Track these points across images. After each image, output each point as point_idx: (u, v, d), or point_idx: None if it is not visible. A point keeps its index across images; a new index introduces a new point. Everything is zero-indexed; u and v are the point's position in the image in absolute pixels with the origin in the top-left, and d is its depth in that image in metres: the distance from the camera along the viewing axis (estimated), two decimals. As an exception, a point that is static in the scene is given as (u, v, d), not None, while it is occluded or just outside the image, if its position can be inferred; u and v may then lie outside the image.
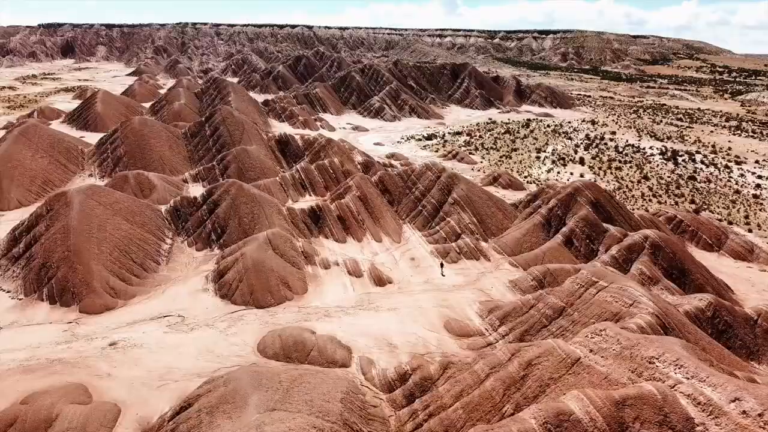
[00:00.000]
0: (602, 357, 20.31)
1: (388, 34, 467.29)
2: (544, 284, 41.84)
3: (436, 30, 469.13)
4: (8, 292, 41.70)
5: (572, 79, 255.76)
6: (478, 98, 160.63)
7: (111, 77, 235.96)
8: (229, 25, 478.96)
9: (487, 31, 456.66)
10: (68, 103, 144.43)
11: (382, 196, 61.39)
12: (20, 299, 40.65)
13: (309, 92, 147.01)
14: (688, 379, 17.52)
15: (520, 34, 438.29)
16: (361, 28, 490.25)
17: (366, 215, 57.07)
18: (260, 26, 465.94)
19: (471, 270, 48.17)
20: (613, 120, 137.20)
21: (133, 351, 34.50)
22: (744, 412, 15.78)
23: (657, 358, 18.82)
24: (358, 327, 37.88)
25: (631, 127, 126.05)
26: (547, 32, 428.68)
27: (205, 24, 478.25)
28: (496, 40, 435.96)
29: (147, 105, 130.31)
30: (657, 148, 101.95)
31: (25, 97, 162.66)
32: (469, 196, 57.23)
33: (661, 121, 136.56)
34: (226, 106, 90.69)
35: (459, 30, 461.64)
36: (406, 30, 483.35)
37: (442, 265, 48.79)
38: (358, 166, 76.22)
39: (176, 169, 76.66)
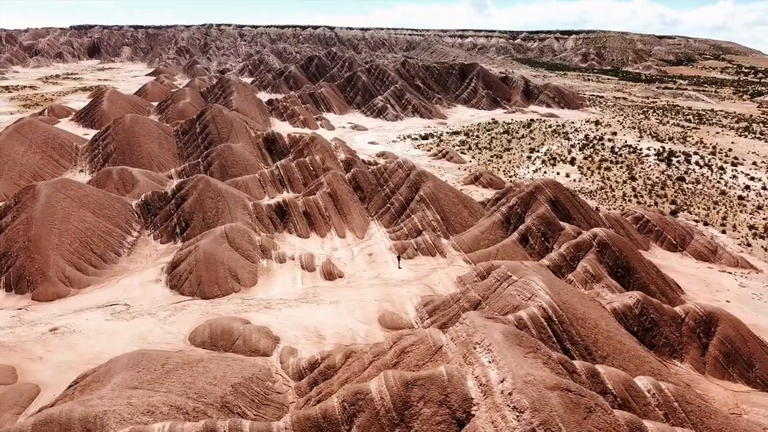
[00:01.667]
0: (455, 344, 20.73)
1: (410, 34, 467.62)
2: (487, 280, 42.08)
3: (458, 30, 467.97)
4: (-31, 279, 43.54)
5: (589, 80, 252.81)
6: (484, 98, 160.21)
7: (131, 77, 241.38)
8: (252, 27, 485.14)
9: (509, 31, 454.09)
10: (83, 102, 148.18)
11: (353, 193, 62.12)
12: (-21, 286, 42.45)
13: (314, 92, 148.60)
14: (490, 362, 17.86)
15: (542, 34, 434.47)
16: (382, 29, 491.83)
17: (333, 211, 57.87)
18: (283, 27, 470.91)
19: (425, 266, 48.62)
20: (619, 121, 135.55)
21: (71, 336, 35.85)
22: (502, 391, 16.08)
23: (479, 344, 19.17)
24: (294, 319, 38.70)
25: (634, 128, 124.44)
26: (569, 33, 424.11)
27: (229, 25, 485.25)
28: (518, 41, 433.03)
29: (156, 104, 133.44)
30: (654, 149, 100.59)
31: (42, 96, 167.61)
32: (435, 193, 57.59)
33: (668, 122, 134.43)
34: (216, 105, 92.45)
35: (480, 30, 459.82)
36: (427, 30, 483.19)
37: (399, 258, 49.47)
38: (341, 164, 77.11)
39: (164, 166, 78.54)
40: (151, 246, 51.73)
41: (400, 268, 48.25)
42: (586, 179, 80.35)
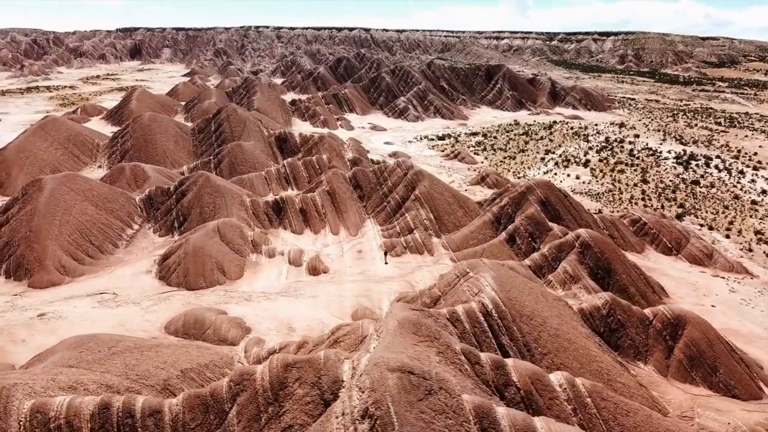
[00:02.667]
0: (375, 333, 21.30)
1: (445, 36, 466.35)
2: (465, 279, 42.26)
3: (494, 32, 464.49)
4: (-27, 266, 46.06)
5: (623, 82, 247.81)
6: (509, 100, 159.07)
7: (167, 77, 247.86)
8: (290, 28, 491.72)
9: (546, 33, 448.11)
10: (117, 102, 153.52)
11: (353, 192, 62.91)
12: (-19, 273, 44.92)
13: (338, 93, 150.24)
14: (374, 348, 18.35)
15: (580, 36, 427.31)
16: (418, 31, 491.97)
17: (330, 209, 58.81)
18: (319, 29, 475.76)
19: (410, 263, 49.09)
20: (645, 123, 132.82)
21: (56, 322, 37.64)
22: (361, 374, 16.51)
23: (376, 331, 19.66)
24: (270, 311, 39.71)
25: (659, 131, 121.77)
26: (608, 34, 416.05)
27: (267, 27, 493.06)
28: (554, 42, 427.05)
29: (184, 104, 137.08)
30: (675, 152, 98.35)
31: (80, 95, 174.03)
32: (431, 192, 57.93)
33: (696, 125, 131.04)
34: (231, 104, 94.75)
35: (517, 32, 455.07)
36: (463, 32, 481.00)
37: (385, 254, 50.13)
38: (347, 163, 78.16)
39: (178, 163, 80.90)
40: (150, 239, 53.62)
41: (386, 263, 48.91)
42: (597, 181, 79.29)
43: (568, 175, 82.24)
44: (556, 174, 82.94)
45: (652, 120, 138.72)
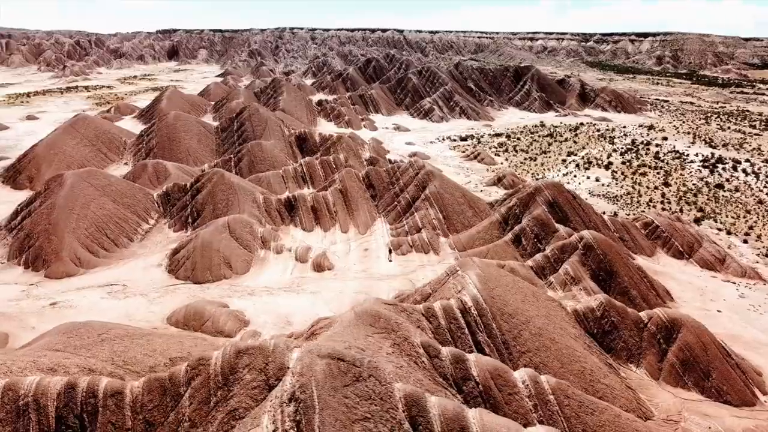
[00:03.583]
0: (333, 325, 21.87)
1: (478, 37, 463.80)
2: (466, 278, 42.37)
3: (528, 33, 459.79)
4: (-4, 256, 48.28)
5: (658, 84, 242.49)
6: (537, 101, 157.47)
7: (201, 78, 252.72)
8: (324, 30, 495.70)
9: (582, 33, 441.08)
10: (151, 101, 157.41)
11: (365, 191, 63.50)
12: (2, 263, 47.04)
13: (364, 93, 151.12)
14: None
15: (616, 36, 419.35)
16: (451, 32, 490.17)
17: (341, 207, 59.52)
18: (353, 30, 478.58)
19: (414, 262, 49.41)
20: (675, 126, 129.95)
21: (66, 311, 39.22)
22: (296, 360, 16.92)
23: (335, 322, 20.12)
24: (271, 305, 40.58)
25: (689, 134, 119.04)
26: (645, 35, 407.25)
27: (302, 29, 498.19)
28: (590, 43, 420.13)
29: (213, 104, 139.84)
30: (702, 155, 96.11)
31: (115, 95, 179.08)
32: (441, 192, 58.10)
33: (729, 128, 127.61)
34: (254, 104, 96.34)
35: (552, 33, 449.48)
36: (497, 33, 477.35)
37: (390, 251, 50.57)
38: (364, 163, 78.82)
39: (201, 161, 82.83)
40: (164, 234, 55.19)
41: (390, 261, 49.34)
42: (616, 184, 78.12)
43: (588, 177, 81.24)
44: (575, 176, 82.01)
45: (684, 122, 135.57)
